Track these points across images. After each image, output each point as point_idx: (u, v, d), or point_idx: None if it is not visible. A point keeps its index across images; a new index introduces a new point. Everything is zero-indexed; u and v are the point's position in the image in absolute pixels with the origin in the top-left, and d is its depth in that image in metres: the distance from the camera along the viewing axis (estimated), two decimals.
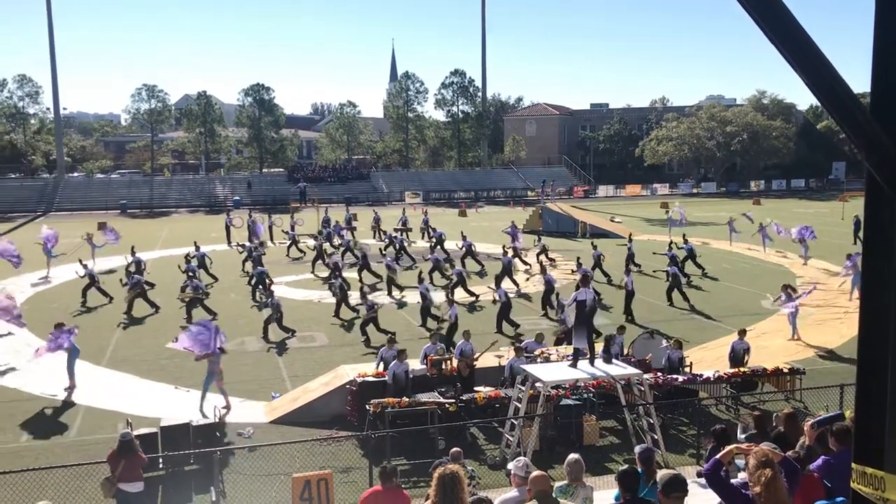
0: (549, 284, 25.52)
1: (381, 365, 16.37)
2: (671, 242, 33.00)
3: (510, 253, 31.88)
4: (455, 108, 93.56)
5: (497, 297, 23.73)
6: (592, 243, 33.73)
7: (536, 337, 17.79)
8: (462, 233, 36.17)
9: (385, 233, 41.93)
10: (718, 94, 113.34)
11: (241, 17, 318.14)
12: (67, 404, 16.91)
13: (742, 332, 17.61)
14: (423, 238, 42.80)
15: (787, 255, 36.19)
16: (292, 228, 40.97)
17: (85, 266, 28.76)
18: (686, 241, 33.09)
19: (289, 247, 39.34)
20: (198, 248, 32.49)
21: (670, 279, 26.68)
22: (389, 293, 27.91)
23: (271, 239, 43.77)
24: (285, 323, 22.50)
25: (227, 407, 16.15)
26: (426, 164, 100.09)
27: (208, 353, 16.07)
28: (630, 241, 33.27)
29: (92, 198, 76.04)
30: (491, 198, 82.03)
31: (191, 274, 27.48)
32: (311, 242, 37.81)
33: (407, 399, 14.47)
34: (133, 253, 31.71)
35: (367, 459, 12.08)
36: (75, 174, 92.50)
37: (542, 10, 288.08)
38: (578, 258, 29.97)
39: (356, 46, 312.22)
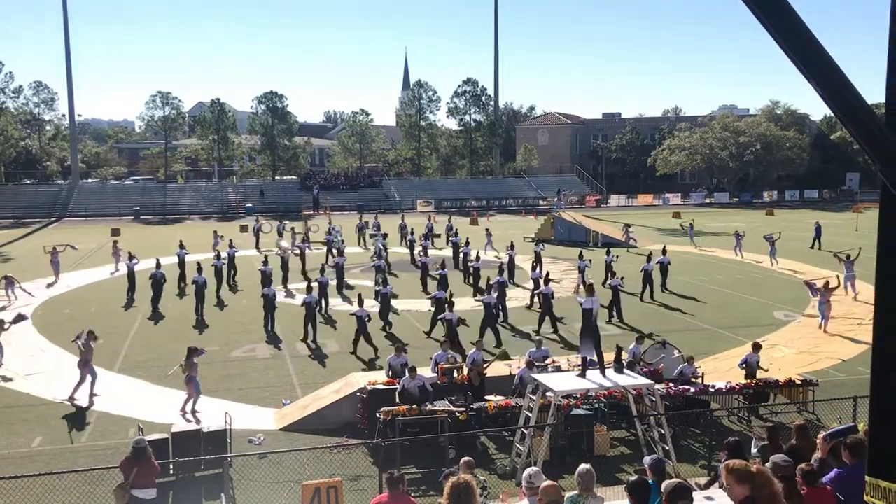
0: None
1: (390, 373, 16.37)
2: (650, 254, 30.76)
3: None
4: (467, 117, 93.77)
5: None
6: (608, 250, 33.56)
7: (537, 344, 17.74)
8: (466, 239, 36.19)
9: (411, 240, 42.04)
10: (731, 103, 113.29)
11: (255, 26, 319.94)
12: (80, 409, 16.97)
13: (756, 346, 17.46)
14: (447, 244, 43.14)
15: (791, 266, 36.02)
16: (305, 238, 41.13)
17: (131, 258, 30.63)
18: (664, 254, 31.04)
19: (328, 252, 38.89)
20: (232, 247, 33.97)
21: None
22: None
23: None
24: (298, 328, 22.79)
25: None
26: (438, 172, 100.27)
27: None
28: (608, 253, 31.81)
29: (106, 204, 76.56)
30: (503, 206, 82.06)
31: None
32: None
33: (417, 407, 14.46)
34: (181, 246, 33.60)
35: (377, 468, 12.06)
36: (89, 180, 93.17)
37: (554, 19, 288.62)
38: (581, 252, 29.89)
39: (369, 55, 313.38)
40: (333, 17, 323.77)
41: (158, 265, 28.40)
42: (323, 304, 26.36)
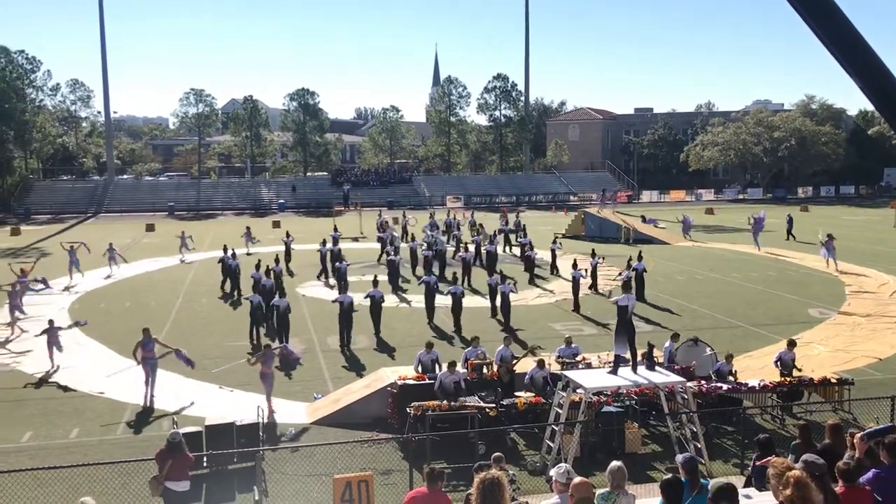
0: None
1: (420, 368, 16.39)
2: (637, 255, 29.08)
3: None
4: (497, 113, 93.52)
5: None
6: (593, 252, 31.91)
7: (566, 341, 17.68)
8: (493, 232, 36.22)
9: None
10: (765, 98, 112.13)
11: (288, 23, 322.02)
12: (115, 402, 17.24)
13: (791, 344, 17.22)
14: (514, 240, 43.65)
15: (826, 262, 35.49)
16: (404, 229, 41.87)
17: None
18: (640, 260, 28.22)
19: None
20: (324, 244, 34.67)
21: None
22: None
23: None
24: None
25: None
26: (468, 168, 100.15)
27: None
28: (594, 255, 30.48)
29: (140, 200, 77.60)
30: (533, 202, 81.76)
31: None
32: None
33: (447, 403, 14.49)
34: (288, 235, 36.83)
35: (408, 462, 12.11)
36: (124, 176, 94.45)
37: (585, 14, 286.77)
38: (630, 258, 29.01)
39: (400, 51, 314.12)
40: (364, 14, 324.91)
41: (234, 255, 30.34)
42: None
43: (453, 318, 23.73)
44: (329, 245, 34.11)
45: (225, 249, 31.18)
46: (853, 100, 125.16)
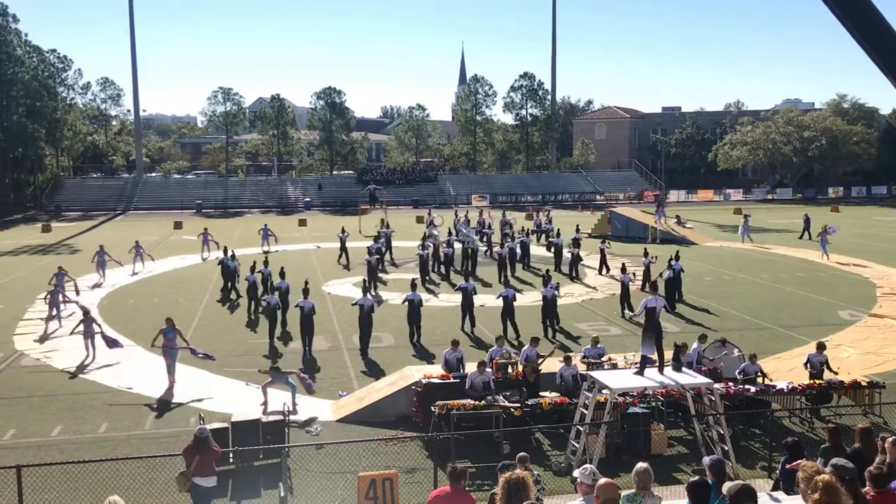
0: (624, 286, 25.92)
1: (446, 367, 16.38)
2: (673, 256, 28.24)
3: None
4: (524, 111, 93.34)
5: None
6: (645, 251, 31.53)
7: (592, 341, 17.59)
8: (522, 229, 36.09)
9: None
10: (796, 97, 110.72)
11: (315, 22, 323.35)
12: (143, 398, 17.43)
13: (821, 346, 16.99)
14: (539, 240, 43.83)
15: (864, 265, 34.99)
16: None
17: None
18: (678, 260, 27.73)
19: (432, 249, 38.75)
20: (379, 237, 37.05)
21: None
22: None
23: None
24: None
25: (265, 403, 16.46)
26: (494, 167, 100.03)
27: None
28: (646, 254, 29.74)
29: (169, 197, 78.45)
30: (559, 201, 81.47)
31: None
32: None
33: (472, 402, 14.48)
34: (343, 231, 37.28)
35: (432, 461, 12.11)
36: (153, 174, 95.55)
37: (613, 11, 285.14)
38: (670, 258, 28.06)
39: (426, 49, 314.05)
40: (391, 13, 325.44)
41: (234, 257, 30.28)
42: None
43: (506, 322, 22.92)
44: (382, 241, 35.03)
45: (225, 251, 31.18)
46: (886, 98, 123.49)
